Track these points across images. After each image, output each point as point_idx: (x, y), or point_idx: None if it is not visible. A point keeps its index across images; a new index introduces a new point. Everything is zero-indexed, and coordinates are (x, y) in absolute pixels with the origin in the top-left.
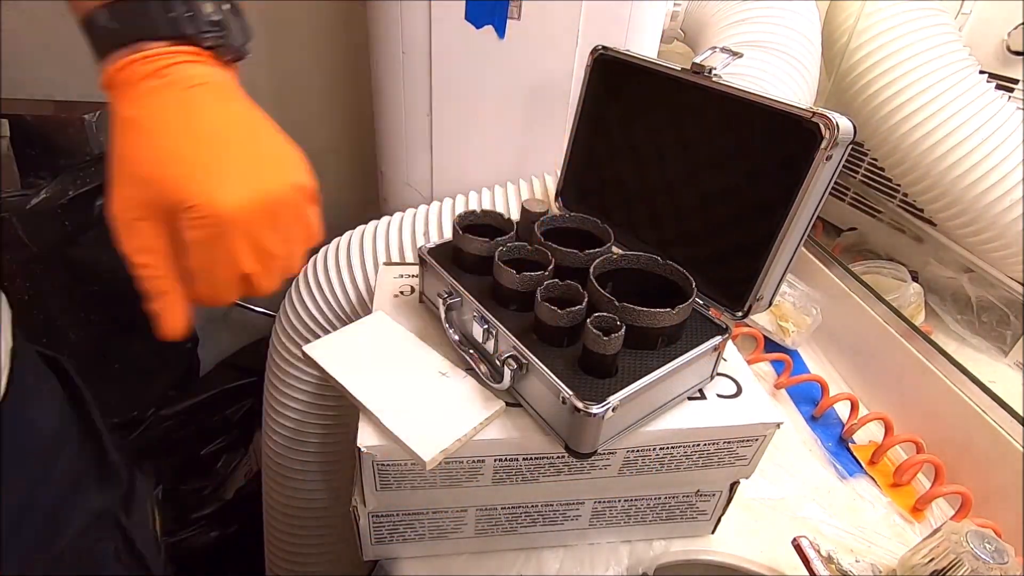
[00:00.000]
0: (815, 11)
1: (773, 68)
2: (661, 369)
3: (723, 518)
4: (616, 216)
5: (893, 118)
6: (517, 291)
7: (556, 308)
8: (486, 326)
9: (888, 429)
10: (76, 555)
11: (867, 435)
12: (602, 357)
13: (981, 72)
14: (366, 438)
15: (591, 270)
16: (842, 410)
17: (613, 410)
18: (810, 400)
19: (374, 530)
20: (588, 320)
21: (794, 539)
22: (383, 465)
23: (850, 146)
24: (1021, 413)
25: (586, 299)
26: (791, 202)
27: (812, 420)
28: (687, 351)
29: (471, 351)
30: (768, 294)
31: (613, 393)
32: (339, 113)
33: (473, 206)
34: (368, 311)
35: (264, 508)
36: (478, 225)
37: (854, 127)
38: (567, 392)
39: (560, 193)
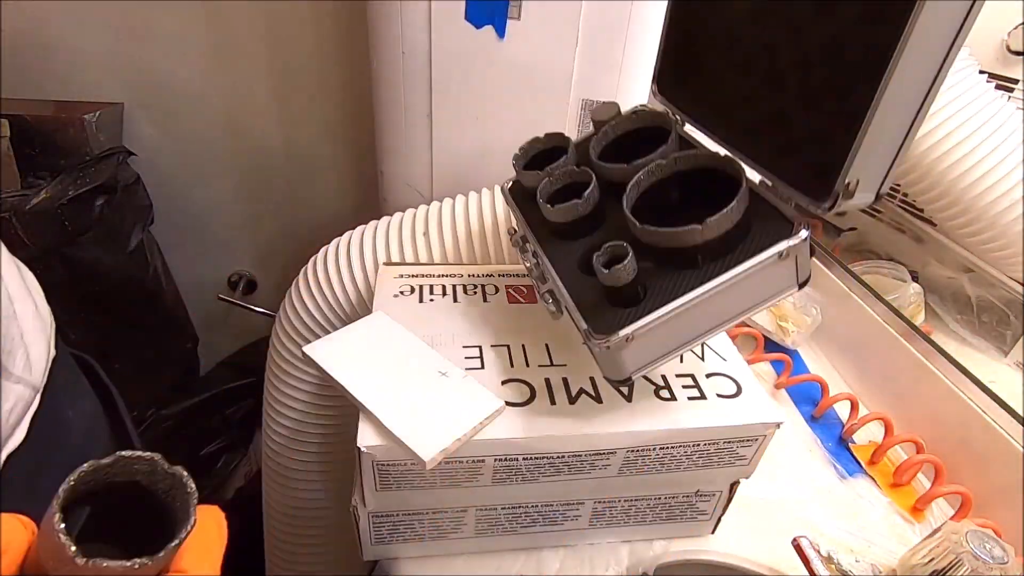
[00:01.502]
0: None
1: None
2: (693, 294)
3: (723, 518)
4: (710, 101)
5: None
6: (560, 223)
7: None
8: (533, 261)
9: (888, 429)
10: None
11: (867, 435)
12: (615, 289)
13: (981, 72)
14: (366, 438)
15: (626, 190)
16: (842, 410)
17: (628, 340)
18: (810, 400)
19: (374, 530)
20: (595, 253)
21: (794, 539)
22: (383, 465)
23: None
24: (1021, 413)
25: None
26: (892, 51)
27: (812, 420)
28: (741, 262)
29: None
30: (870, 183)
31: (631, 323)
32: (339, 113)
33: (473, 206)
34: (368, 311)
35: (264, 508)
36: (545, 151)
37: None
38: (582, 325)
39: (656, 79)
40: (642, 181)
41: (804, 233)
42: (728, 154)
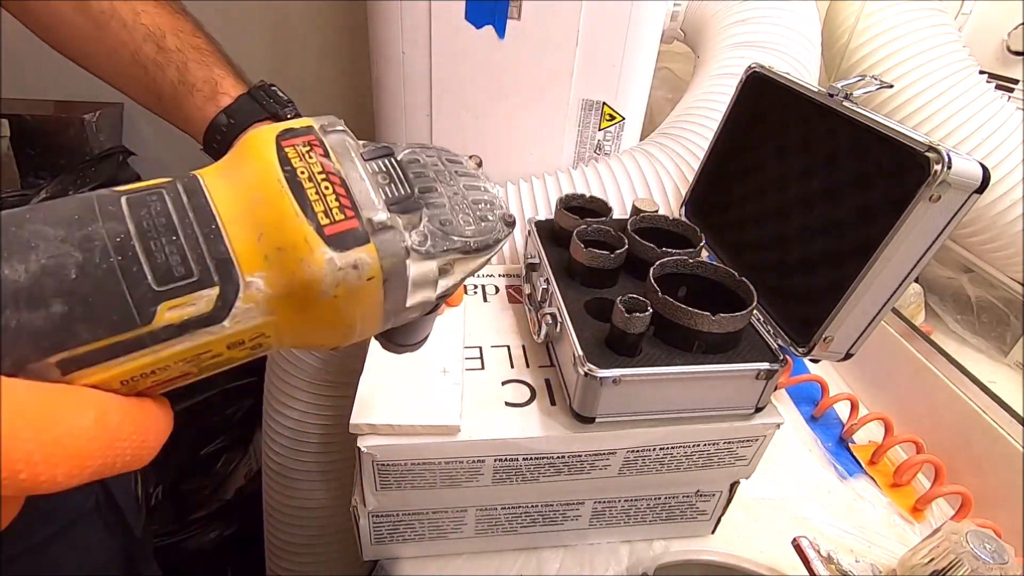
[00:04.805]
0: (815, 11)
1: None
2: (681, 367)
3: (723, 518)
4: (728, 236)
5: (893, 118)
6: (583, 264)
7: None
8: (544, 287)
9: (888, 429)
10: (56, 501)
11: (867, 435)
12: (623, 334)
13: (981, 72)
14: (366, 438)
15: (654, 265)
16: (842, 410)
17: (615, 382)
18: (810, 400)
19: (374, 530)
20: (619, 297)
21: (794, 539)
22: (383, 465)
23: (974, 196)
24: (1021, 413)
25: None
26: (879, 242)
27: (812, 420)
28: (729, 363)
29: (533, 309)
30: (843, 342)
31: (623, 368)
32: (339, 113)
33: None
34: None
35: (264, 508)
36: (581, 208)
37: (984, 174)
38: (579, 351)
39: (685, 203)
40: (666, 264)
41: (780, 366)
42: (743, 279)
